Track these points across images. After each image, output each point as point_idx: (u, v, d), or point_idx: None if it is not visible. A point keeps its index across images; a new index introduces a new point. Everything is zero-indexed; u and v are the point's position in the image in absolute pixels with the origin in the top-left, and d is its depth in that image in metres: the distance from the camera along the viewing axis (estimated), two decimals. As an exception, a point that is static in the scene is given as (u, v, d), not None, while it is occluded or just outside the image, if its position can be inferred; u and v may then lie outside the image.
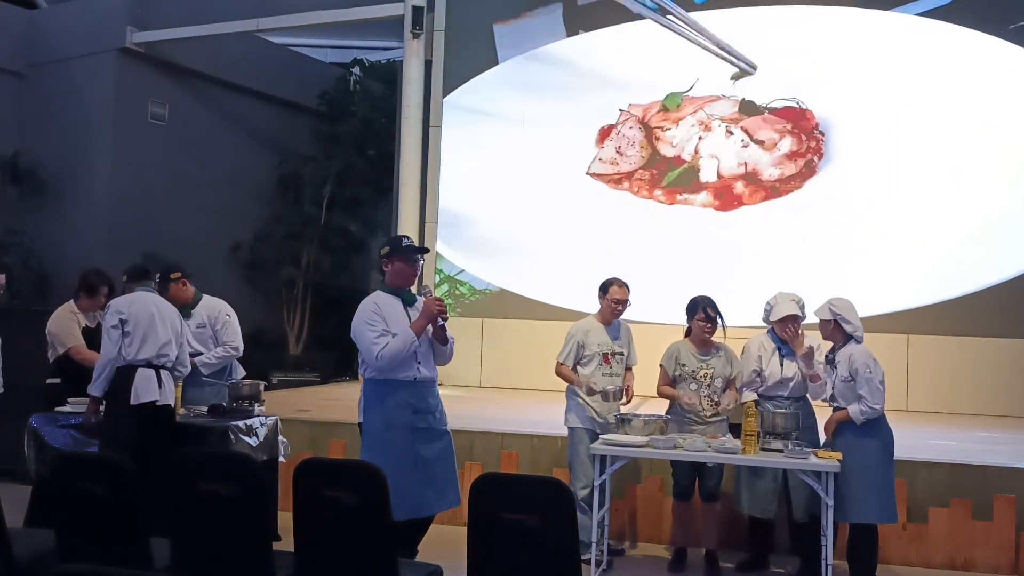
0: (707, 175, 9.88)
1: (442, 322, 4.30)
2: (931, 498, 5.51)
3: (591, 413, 5.21)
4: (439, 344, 4.36)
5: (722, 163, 9.83)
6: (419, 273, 4.45)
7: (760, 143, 9.73)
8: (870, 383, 4.64)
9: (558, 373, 5.30)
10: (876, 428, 4.69)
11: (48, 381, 5.63)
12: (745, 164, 9.74)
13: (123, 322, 4.87)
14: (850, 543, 4.72)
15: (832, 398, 4.82)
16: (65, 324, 5.66)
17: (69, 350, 5.60)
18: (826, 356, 4.92)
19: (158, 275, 5.48)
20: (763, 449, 4.67)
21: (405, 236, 4.45)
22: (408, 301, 4.38)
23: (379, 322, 4.21)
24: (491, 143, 10.61)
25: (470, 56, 10.87)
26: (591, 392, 5.15)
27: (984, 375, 8.88)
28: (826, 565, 4.50)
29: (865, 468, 4.62)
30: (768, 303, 5.14)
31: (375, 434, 4.28)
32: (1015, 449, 6.60)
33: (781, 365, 5.11)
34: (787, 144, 9.64)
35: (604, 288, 5.33)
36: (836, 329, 4.80)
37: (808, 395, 5.13)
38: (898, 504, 5.40)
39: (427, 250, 4.42)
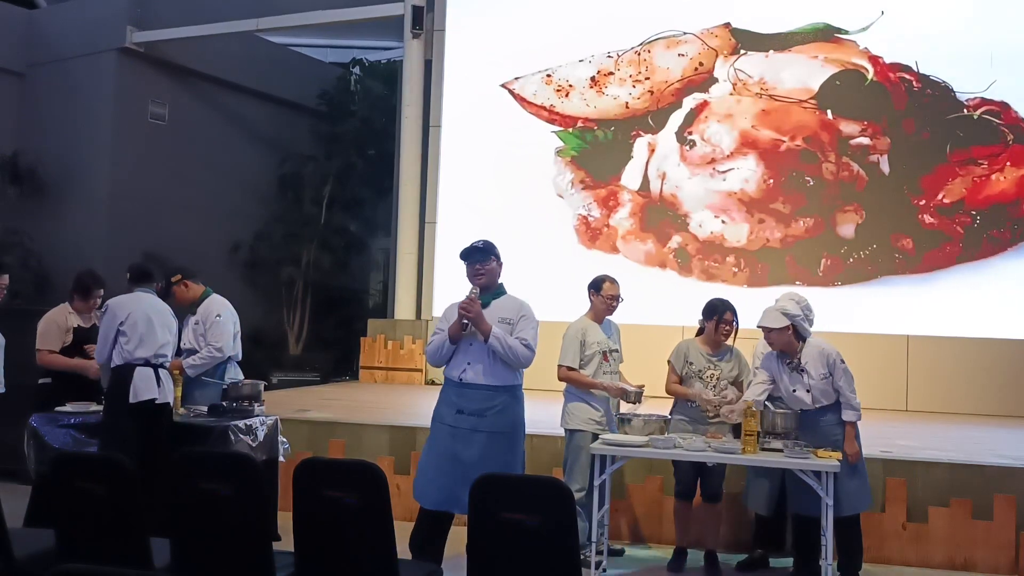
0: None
1: (465, 320, 4.38)
2: (931, 498, 5.50)
3: (593, 415, 5.19)
4: (482, 333, 4.39)
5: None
6: (479, 273, 4.48)
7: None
8: (847, 373, 4.70)
9: (565, 378, 5.21)
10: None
11: (40, 381, 5.63)
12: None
13: (121, 323, 4.88)
14: (843, 536, 4.71)
15: (814, 400, 4.78)
16: (47, 325, 5.64)
17: (37, 352, 5.60)
18: (788, 363, 4.84)
19: (162, 280, 5.50)
20: (763, 449, 4.68)
21: (480, 240, 4.55)
22: (483, 303, 4.46)
23: (442, 321, 4.54)
24: (491, 141, 10.61)
25: (470, 56, 10.85)
26: (625, 396, 5.14)
27: (984, 375, 8.87)
28: (826, 565, 4.50)
29: (849, 462, 4.63)
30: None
31: (431, 424, 4.57)
32: (1015, 449, 6.60)
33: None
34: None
35: (596, 285, 5.31)
36: (794, 333, 4.76)
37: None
38: (897, 503, 5.45)
39: (472, 251, 4.52)
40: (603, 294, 5.28)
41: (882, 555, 5.37)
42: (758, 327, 4.86)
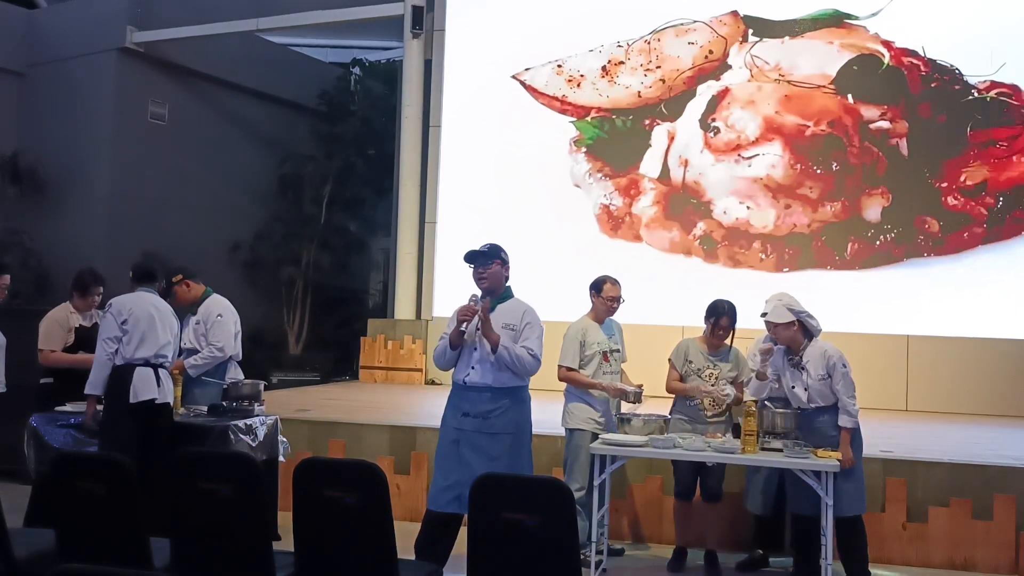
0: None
1: (462, 325, 4.43)
2: (931, 498, 5.50)
3: (592, 415, 5.19)
4: (491, 343, 4.40)
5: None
6: (482, 276, 4.51)
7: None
8: (846, 378, 4.67)
9: (565, 378, 5.21)
10: None
11: (41, 381, 5.64)
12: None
13: (124, 322, 4.88)
14: (841, 538, 4.70)
15: (810, 399, 4.79)
16: (48, 325, 5.64)
17: (39, 352, 5.61)
18: (791, 359, 4.85)
19: (165, 282, 5.51)
20: (763, 448, 4.68)
21: (487, 243, 4.57)
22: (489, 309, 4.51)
23: (449, 324, 4.54)
24: (491, 140, 10.61)
25: (470, 56, 10.85)
26: (624, 396, 5.16)
27: (984, 375, 8.87)
28: (826, 565, 4.50)
29: (842, 467, 4.61)
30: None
31: (440, 428, 4.61)
32: (1015, 449, 6.60)
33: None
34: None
35: (597, 286, 5.32)
36: (800, 329, 4.76)
37: (748, 390, 5.08)
38: (897, 503, 5.45)
39: (475, 255, 4.53)
40: (604, 295, 5.28)
41: (882, 555, 5.37)
42: (763, 319, 4.84)
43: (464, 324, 4.43)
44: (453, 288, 4.48)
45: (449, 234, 10.55)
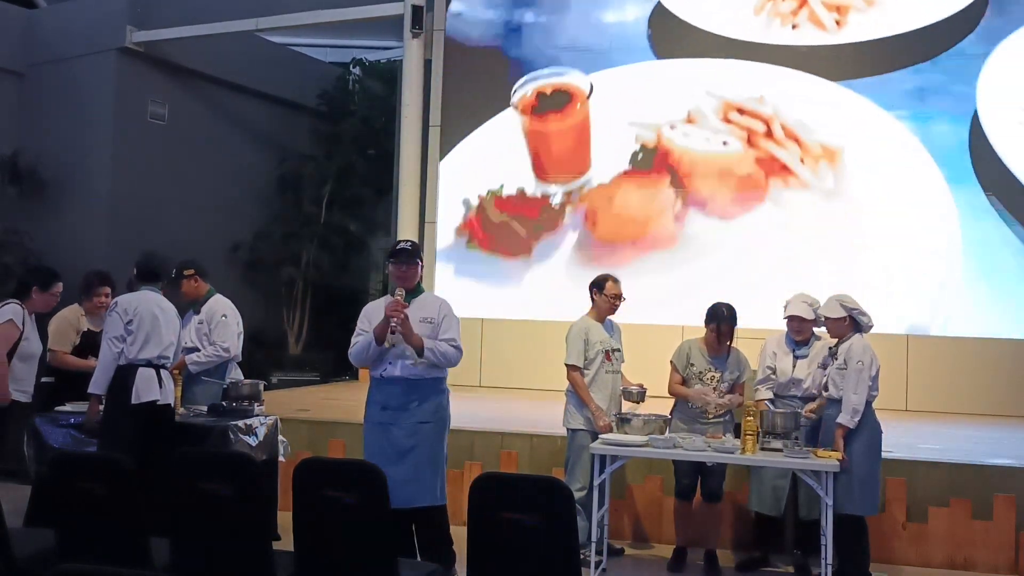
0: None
1: (394, 324, 4.43)
2: (931, 498, 5.51)
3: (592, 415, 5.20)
4: (415, 348, 4.45)
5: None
6: (404, 274, 4.56)
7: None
8: (859, 374, 4.68)
9: (572, 378, 5.24)
10: (861, 422, 4.70)
11: (42, 379, 5.65)
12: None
13: (129, 322, 4.88)
14: (838, 535, 4.70)
15: (824, 387, 4.85)
16: (59, 325, 5.68)
17: (49, 351, 5.63)
18: (830, 349, 4.95)
19: (173, 270, 5.53)
20: (762, 448, 4.68)
21: (406, 240, 4.60)
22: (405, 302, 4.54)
23: (364, 321, 4.63)
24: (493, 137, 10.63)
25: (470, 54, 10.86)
26: (627, 395, 5.19)
27: (984, 375, 8.87)
28: (826, 565, 4.50)
29: (848, 461, 4.62)
30: (786, 302, 5.20)
31: (364, 427, 4.69)
32: (1015, 449, 6.60)
33: (792, 365, 5.15)
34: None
35: (599, 284, 5.33)
36: (850, 323, 4.84)
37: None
38: (897, 503, 5.45)
39: (402, 251, 4.62)
40: (606, 293, 5.30)
41: (882, 555, 5.37)
42: (822, 316, 4.95)
43: (393, 320, 4.45)
44: (453, 288, 4.50)
45: (449, 234, 10.54)
